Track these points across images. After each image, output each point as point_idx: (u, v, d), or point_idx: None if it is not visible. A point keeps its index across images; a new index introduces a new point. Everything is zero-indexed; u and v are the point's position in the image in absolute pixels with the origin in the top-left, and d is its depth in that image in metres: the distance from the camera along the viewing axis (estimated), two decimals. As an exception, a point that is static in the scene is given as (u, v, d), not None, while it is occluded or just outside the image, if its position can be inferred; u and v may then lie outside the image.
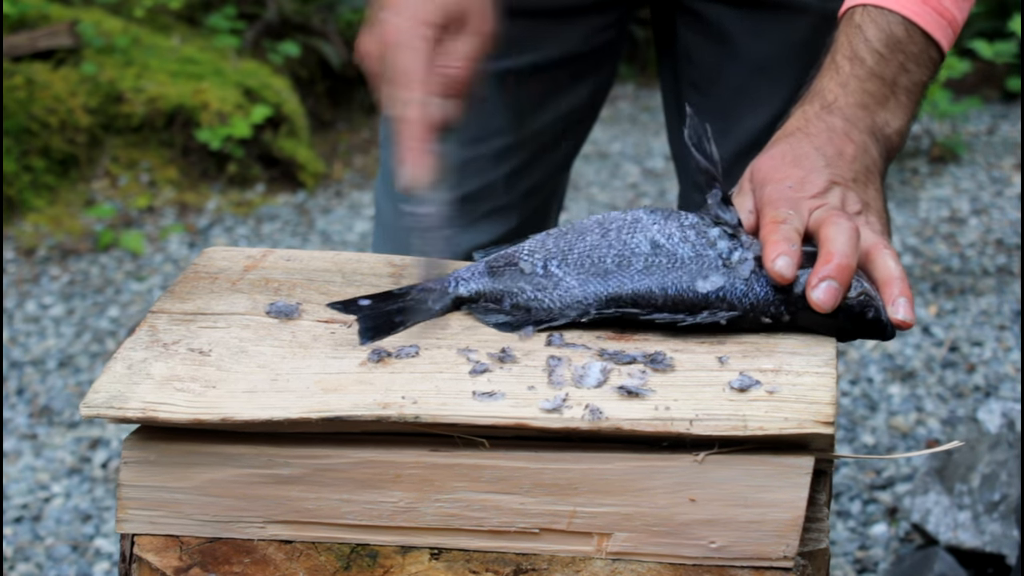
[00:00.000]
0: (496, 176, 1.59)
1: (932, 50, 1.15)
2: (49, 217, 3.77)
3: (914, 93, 1.15)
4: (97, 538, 2.44)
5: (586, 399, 0.92)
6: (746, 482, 0.90)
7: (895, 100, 1.14)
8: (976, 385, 2.83)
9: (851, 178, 1.09)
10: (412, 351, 0.99)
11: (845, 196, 1.07)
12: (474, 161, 1.58)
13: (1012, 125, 4.49)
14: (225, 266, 1.16)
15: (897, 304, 1.00)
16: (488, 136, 1.57)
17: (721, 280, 1.00)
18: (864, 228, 1.05)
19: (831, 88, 1.14)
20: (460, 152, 1.58)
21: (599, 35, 1.56)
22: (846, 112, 1.12)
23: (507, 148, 1.58)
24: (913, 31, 1.14)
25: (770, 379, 0.94)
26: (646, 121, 4.76)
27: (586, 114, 1.65)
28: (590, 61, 1.58)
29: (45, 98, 3.86)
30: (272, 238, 3.80)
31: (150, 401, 0.93)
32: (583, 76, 1.59)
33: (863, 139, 1.11)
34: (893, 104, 1.14)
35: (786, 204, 1.04)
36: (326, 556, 0.94)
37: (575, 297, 1.02)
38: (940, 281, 3.36)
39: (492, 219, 1.61)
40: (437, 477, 0.93)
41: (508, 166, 1.59)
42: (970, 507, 2.16)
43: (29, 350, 3.12)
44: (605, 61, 1.60)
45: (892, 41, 1.14)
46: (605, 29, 1.56)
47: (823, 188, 1.07)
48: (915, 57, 1.14)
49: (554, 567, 0.93)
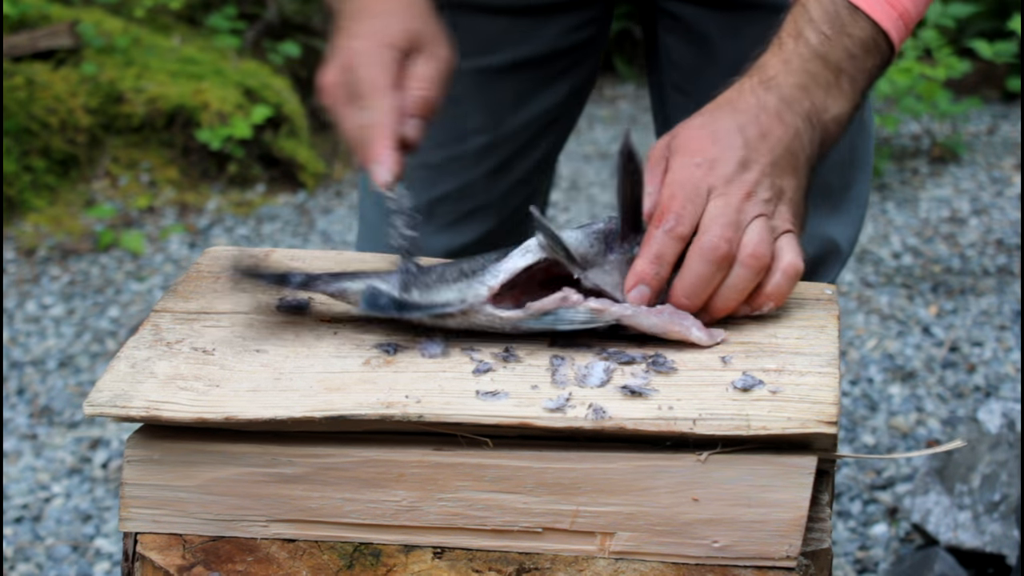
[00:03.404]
0: (476, 175, 1.59)
1: (880, 39, 1.11)
2: (49, 217, 3.77)
3: (858, 82, 1.11)
4: (97, 538, 2.44)
5: (589, 399, 0.92)
6: (749, 482, 0.90)
7: (837, 86, 1.09)
8: (976, 385, 2.83)
9: (770, 162, 1.05)
10: (436, 350, 0.99)
11: (757, 181, 1.04)
12: (453, 160, 1.58)
13: (1012, 125, 4.49)
14: (227, 266, 1.16)
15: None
16: (467, 135, 1.57)
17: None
18: (759, 223, 1.02)
19: (773, 63, 1.10)
20: (439, 151, 1.57)
21: (577, 32, 1.55)
22: (784, 91, 1.08)
23: (486, 147, 1.58)
24: (858, 16, 1.10)
25: (773, 379, 0.94)
26: (646, 121, 4.75)
27: (565, 112, 1.64)
28: (568, 59, 1.57)
29: (45, 98, 3.86)
30: (272, 238, 3.80)
31: (154, 400, 0.93)
32: (561, 74, 1.58)
33: (795, 122, 1.07)
34: (835, 90, 1.09)
35: (686, 190, 1.02)
36: (329, 555, 0.94)
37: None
38: (940, 281, 3.36)
39: (472, 218, 1.60)
40: (440, 476, 0.93)
41: (487, 165, 1.59)
42: (970, 507, 2.16)
43: (29, 350, 3.12)
44: (584, 59, 1.59)
45: (837, 23, 1.09)
46: (583, 26, 1.55)
47: (732, 171, 1.04)
48: (861, 43, 1.10)
49: (557, 566, 0.93)
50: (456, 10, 1.53)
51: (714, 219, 1.01)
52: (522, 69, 1.56)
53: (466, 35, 1.55)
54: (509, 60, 1.54)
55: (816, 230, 1.54)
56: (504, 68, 1.54)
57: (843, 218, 1.57)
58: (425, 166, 1.58)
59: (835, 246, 1.56)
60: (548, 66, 1.57)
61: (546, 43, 1.55)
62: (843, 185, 1.56)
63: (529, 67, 1.56)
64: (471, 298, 0.99)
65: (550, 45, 1.55)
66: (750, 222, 1.02)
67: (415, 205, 1.08)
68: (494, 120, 1.57)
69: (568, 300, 0.98)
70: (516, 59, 1.55)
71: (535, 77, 1.57)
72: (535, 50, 1.55)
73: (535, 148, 1.62)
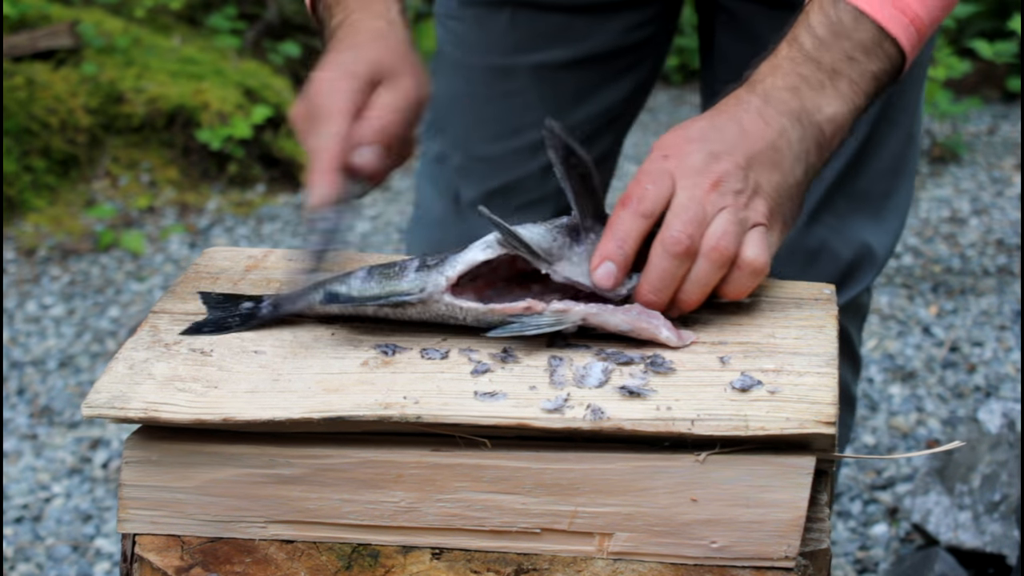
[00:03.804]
0: (531, 169, 1.61)
1: (888, 44, 1.10)
2: (49, 217, 3.77)
3: (860, 85, 1.09)
4: (98, 538, 2.44)
5: (588, 399, 0.92)
6: (748, 482, 0.90)
7: (832, 87, 1.08)
8: (976, 385, 2.83)
9: (745, 156, 1.03)
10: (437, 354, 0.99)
11: (727, 172, 1.02)
12: (510, 153, 1.60)
13: (1012, 125, 4.49)
14: (227, 266, 1.16)
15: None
16: (524, 128, 1.59)
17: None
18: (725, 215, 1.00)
19: (763, 69, 1.10)
20: (496, 145, 1.59)
21: (636, 31, 1.57)
22: (769, 92, 1.07)
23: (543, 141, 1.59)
24: (863, 20, 1.09)
25: (771, 379, 0.94)
26: (646, 121, 4.76)
27: (625, 110, 1.65)
28: (630, 56, 1.59)
29: (45, 98, 3.86)
30: (273, 238, 3.80)
31: (152, 401, 0.93)
32: (623, 71, 1.60)
33: (780, 121, 1.06)
34: (830, 91, 1.08)
35: (651, 175, 1.02)
36: (327, 556, 0.94)
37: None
38: (940, 281, 3.36)
39: (526, 212, 1.61)
40: (439, 477, 0.93)
41: (543, 159, 1.60)
42: (970, 507, 2.16)
43: (29, 350, 3.12)
44: (644, 58, 1.60)
45: (837, 28, 1.09)
46: (642, 25, 1.57)
47: (701, 162, 1.02)
48: (863, 47, 1.09)
49: (555, 567, 0.93)
50: (516, 7, 1.54)
51: (676, 213, 1.00)
52: (584, 65, 1.57)
53: (525, 31, 1.56)
54: (571, 56, 1.56)
55: (853, 236, 1.54)
56: (565, 64, 1.56)
57: (882, 225, 1.57)
58: (482, 159, 1.60)
59: (871, 252, 1.56)
60: (610, 63, 1.58)
61: (608, 40, 1.56)
62: (883, 193, 1.56)
63: (591, 64, 1.57)
64: (430, 287, 0.99)
65: (612, 42, 1.56)
66: (716, 214, 1.00)
67: (340, 229, 1.08)
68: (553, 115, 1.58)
69: (531, 309, 0.99)
70: (578, 55, 1.56)
71: (596, 74, 1.58)
72: (597, 47, 1.56)
73: (594, 145, 1.63)
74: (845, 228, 1.54)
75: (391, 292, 1.01)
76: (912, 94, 1.53)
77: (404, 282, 1.01)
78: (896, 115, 1.52)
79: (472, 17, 1.58)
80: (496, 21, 1.56)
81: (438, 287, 1.00)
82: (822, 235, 1.53)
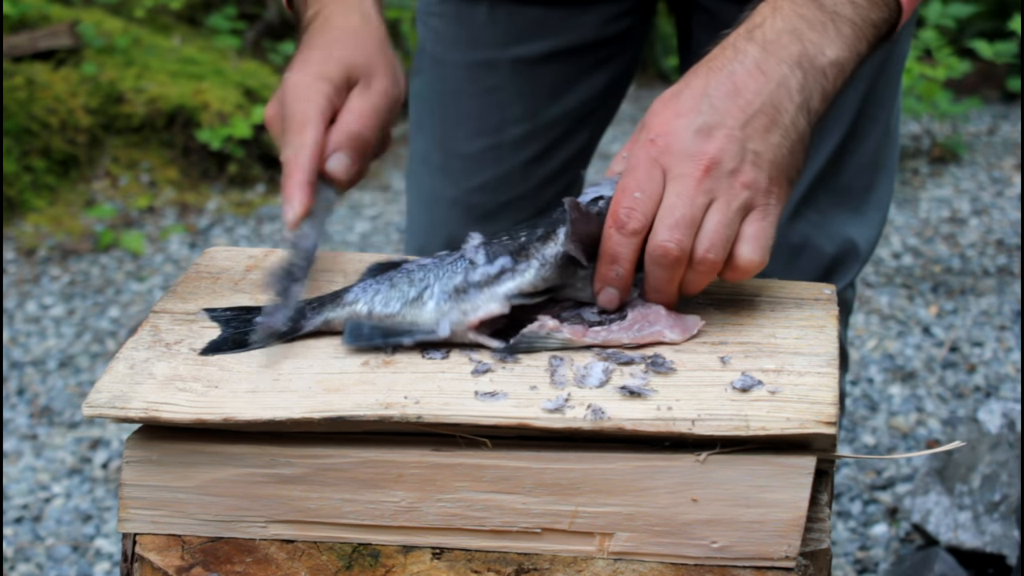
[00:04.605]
0: (513, 165, 1.61)
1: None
2: (49, 217, 3.77)
3: (862, 29, 1.05)
4: (98, 538, 2.44)
5: (588, 399, 0.92)
6: (748, 482, 0.90)
7: (834, 28, 1.04)
8: (976, 385, 2.83)
9: (740, 123, 1.00)
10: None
11: (721, 149, 0.98)
12: (491, 149, 1.59)
13: (1012, 125, 4.49)
14: (227, 266, 1.16)
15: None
16: (505, 124, 1.59)
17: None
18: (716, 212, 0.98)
19: (762, 11, 1.06)
20: (477, 141, 1.59)
21: (612, 24, 1.56)
22: (768, 38, 1.03)
23: (524, 136, 1.59)
24: None
25: (772, 379, 0.94)
26: (646, 121, 4.75)
27: (603, 104, 1.65)
28: (606, 50, 1.59)
29: (45, 98, 3.86)
30: (273, 238, 3.80)
31: (152, 401, 0.93)
32: (599, 65, 1.59)
33: (780, 70, 1.02)
34: (832, 33, 1.04)
35: (638, 177, 0.99)
36: (328, 556, 0.94)
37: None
38: (940, 281, 3.36)
39: (508, 209, 1.61)
40: (439, 477, 0.93)
41: (525, 155, 1.60)
42: (970, 507, 2.16)
43: (29, 350, 3.12)
44: (621, 51, 1.60)
45: None
46: (620, 18, 1.56)
47: (690, 143, 0.99)
48: None
49: (556, 567, 0.93)
50: (494, 2, 1.54)
51: (663, 218, 0.98)
52: (560, 59, 1.57)
53: (503, 25, 1.56)
54: (547, 49, 1.56)
55: (836, 231, 1.54)
56: (542, 57, 1.56)
57: (864, 220, 1.56)
58: (463, 156, 1.60)
59: (854, 247, 1.56)
60: (586, 56, 1.58)
61: (584, 33, 1.56)
62: (865, 187, 1.56)
63: (567, 57, 1.57)
64: (455, 325, 1.00)
65: (588, 35, 1.56)
66: (708, 209, 0.98)
67: (315, 247, 1.08)
68: (532, 110, 1.58)
69: (544, 327, 0.99)
70: (554, 49, 1.56)
71: (573, 67, 1.58)
72: (573, 40, 1.56)
73: (572, 139, 1.63)
74: (827, 223, 1.54)
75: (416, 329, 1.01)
76: (890, 88, 1.53)
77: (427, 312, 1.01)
78: (874, 110, 1.52)
79: (451, 13, 1.58)
80: (474, 16, 1.56)
81: (461, 326, 1.00)
82: (805, 231, 1.53)
